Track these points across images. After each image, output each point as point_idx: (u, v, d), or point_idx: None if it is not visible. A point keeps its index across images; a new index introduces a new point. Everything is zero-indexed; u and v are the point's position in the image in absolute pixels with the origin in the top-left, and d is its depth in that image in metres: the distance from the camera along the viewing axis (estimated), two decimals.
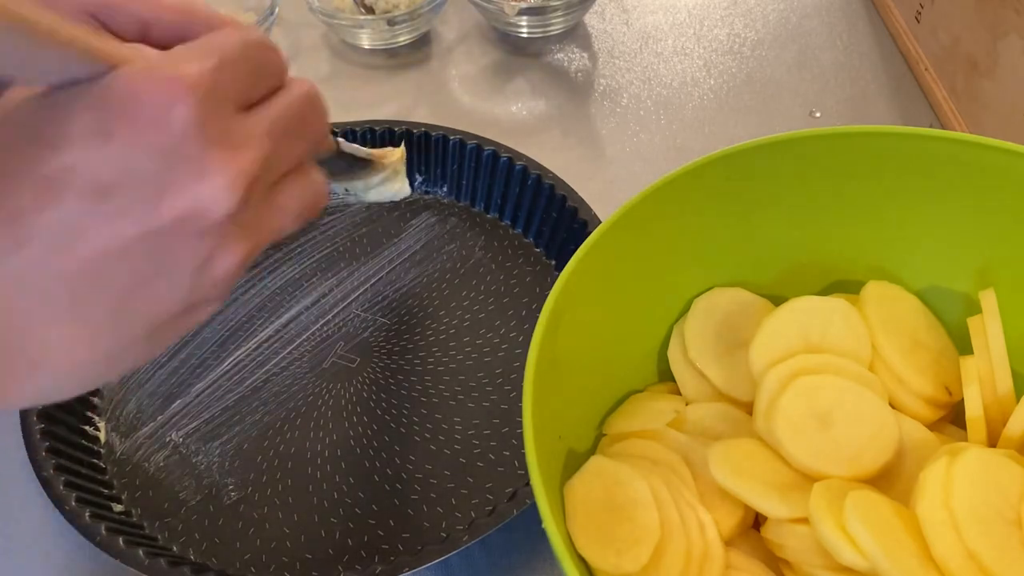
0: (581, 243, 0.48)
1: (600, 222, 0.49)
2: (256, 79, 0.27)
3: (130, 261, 0.25)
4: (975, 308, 0.38)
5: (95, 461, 0.45)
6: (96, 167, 0.24)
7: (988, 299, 0.37)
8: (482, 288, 0.52)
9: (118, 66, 0.24)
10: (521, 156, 0.53)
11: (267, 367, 0.49)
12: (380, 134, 0.55)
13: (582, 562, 0.31)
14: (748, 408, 0.38)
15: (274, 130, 0.27)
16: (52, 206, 0.23)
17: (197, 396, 0.48)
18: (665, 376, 0.40)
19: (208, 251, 0.26)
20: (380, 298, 0.52)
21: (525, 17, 0.65)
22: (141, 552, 0.39)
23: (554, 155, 0.56)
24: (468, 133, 0.55)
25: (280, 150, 0.27)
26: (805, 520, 0.32)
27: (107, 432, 0.47)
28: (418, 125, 0.55)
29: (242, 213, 0.26)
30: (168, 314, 0.26)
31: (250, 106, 0.27)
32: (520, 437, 0.45)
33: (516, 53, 0.68)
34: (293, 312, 0.51)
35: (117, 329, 0.25)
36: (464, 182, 0.55)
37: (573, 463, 0.35)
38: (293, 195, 0.29)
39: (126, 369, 0.27)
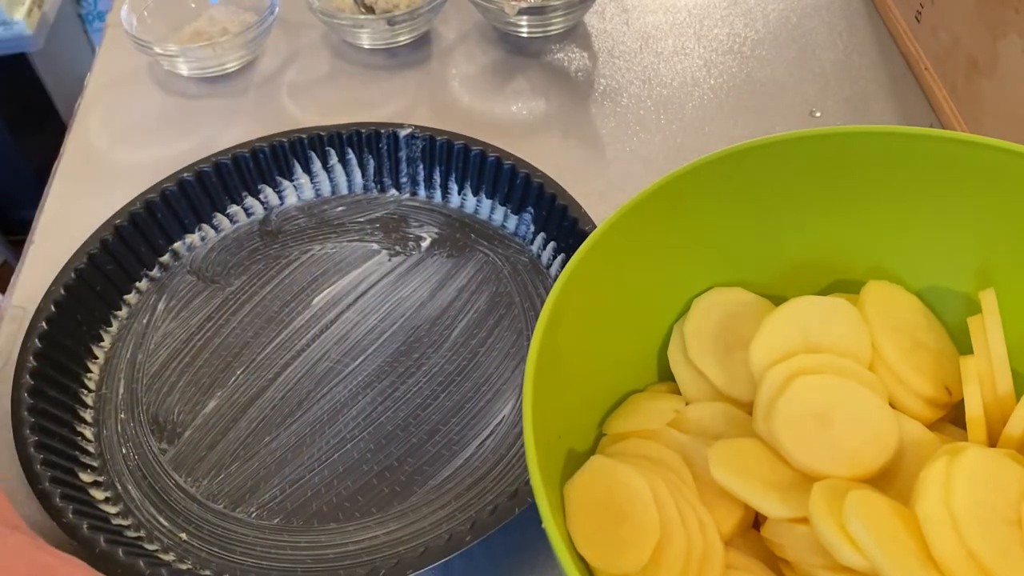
0: (571, 241, 0.48)
1: (590, 219, 0.49)
2: None
3: None
4: (975, 308, 0.38)
5: (90, 473, 0.45)
6: None
7: (988, 299, 0.37)
8: (474, 288, 0.52)
9: None
10: (509, 155, 0.53)
11: (262, 374, 0.49)
12: (367, 136, 0.55)
13: (582, 562, 0.31)
14: (748, 408, 0.38)
15: None
16: None
17: None
18: (665, 376, 0.40)
19: None
20: (374, 302, 0.52)
21: (525, 17, 0.65)
22: (142, 563, 0.38)
23: (554, 155, 0.56)
24: (455, 134, 0.54)
25: None
26: (805, 520, 0.32)
27: (102, 443, 0.46)
28: (404, 126, 0.55)
29: None
30: None
31: None
32: (519, 437, 0.45)
33: (516, 53, 0.68)
34: (289, 319, 0.51)
35: None
36: (452, 183, 0.55)
37: (573, 463, 0.35)
38: None
39: None
